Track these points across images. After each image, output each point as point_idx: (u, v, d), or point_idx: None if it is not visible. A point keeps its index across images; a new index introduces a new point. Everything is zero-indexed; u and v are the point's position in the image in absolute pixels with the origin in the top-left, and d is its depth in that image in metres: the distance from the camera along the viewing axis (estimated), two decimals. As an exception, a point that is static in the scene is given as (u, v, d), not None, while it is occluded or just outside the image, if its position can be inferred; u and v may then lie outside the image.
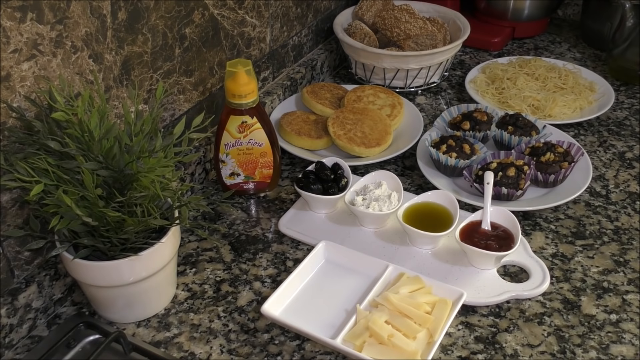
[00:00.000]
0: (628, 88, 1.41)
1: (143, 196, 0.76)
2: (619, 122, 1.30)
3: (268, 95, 1.26)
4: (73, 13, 0.79)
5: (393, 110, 1.23)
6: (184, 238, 1.01)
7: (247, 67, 0.97)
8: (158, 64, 0.96)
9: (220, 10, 1.06)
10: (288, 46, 1.32)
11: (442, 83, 1.44)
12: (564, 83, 1.35)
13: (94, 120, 0.72)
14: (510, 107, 1.29)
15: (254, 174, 1.07)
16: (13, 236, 0.80)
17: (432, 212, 1.00)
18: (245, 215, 1.06)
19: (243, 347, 0.84)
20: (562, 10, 1.72)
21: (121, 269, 0.80)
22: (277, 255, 0.98)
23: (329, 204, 1.03)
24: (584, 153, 1.11)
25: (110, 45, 0.87)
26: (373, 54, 1.32)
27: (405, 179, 1.13)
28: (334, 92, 1.29)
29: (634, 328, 0.86)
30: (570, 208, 1.07)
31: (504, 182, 1.03)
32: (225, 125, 1.01)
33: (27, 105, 0.77)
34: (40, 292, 0.85)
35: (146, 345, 0.83)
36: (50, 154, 0.73)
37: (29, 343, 0.84)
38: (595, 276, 0.94)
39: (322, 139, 1.17)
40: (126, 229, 0.76)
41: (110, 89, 0.89)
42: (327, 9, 1.43)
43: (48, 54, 0.78)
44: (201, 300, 0.91)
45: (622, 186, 1.12)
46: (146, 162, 0.76)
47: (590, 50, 1.57)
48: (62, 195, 0.69)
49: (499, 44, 1.56)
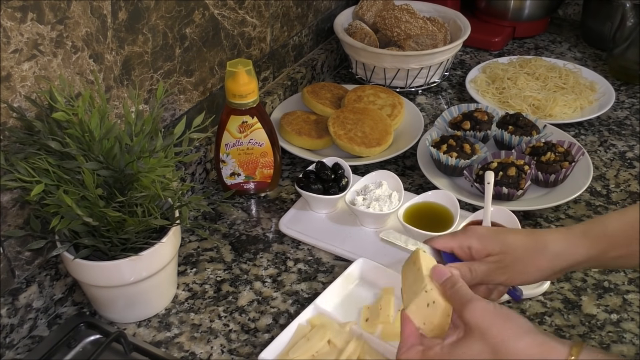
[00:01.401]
0: (628, 88, 1.41)
1: (143, 196, 0.76)
2: (620, 121, 1.30)
3: (268, 95, 1.26)
4: (73, 13, 0.79)
5: (393, 110, 1.23)
6: (185, 238, 1.01)
7: (248, 67, 0.97)
8: (158, 64, 0.96)
9: (220, 10, 1.06)
10: (288, 46, 1.32)
11: (443, 83, 1.44)
12: (564, 83, 1.35)
13: (95, 120, 0.72)
14: (510, 107, 1.29)
15: (255, 174, 1.07)
16: (14, 236, 0.80)
17: (433, 212, 1.00)
18: (245, 215, 1.06)
19: (244, 347, 0.84)
20: (563, 9, 1.72)
21: (122, 269, 0.80)
22: (277, 255, 0.98)
23: (330, 203, 1.03)
24: (585, 153, 1.11)
25: (111, 45, 0.87)
26: (373, 53, 1.32)
27: (405, 179, 1.13)
28: (335, 92, 1.29)
29: (635, 328, 0.86)
30: (570, 208, 1.07)
31: (504, 181, 1.03)
32: (226, 125, 1.01)
33: (27, 106, 0.77)
34: (40, 292, 0.85)
35: (147, 345, 0.83)
36: (51, 154, 0.73)
37: (30, 343, 0.84)
38: (595, 276, 0.94)
39: (322, 138, 1.17)
40: (127, 229, 0.76)
41: (111, 89, 0.89)
42: (328, 9, 1.43)
43: (48, 54, 0.78)
44: (202, 300, 0.91)
45: (622, 186, 1.12)
46: (147, 162, 0.76)
47: (590, 50, 1.57)
48: (62, 195, 0.69)
49: (500, 43, 1.56)
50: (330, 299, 0.87)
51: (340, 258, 0.97)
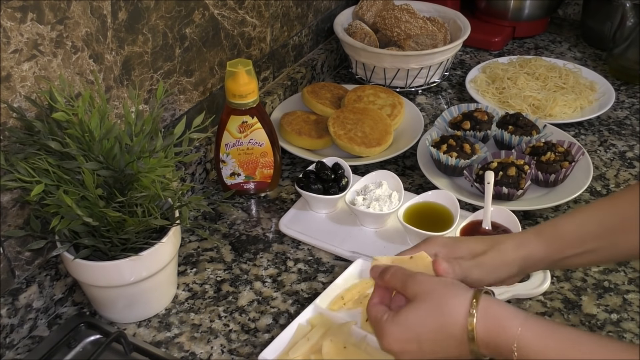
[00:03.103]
0: (628, 87, 1.41)
1: (143, 196, 0.76)
2: (620, 121, 1.30)
3: (268, 95, 1.26)
4: (73, 13, 0.79)
5: (393, 110, 1.23)
6: (185, 238, 1.01)
7: (248, 67, 0.97)
8: (158, 64, 0.96)
9: (220, 10, 1.06)
10: (288, 46, 1.32)
11: (443, 83, 1.44)
12: (564, 82, 1.35)
13: (95, 120, 0.72)
14: (510, 107, 1.29)
15: (255, 174, 1.07)
16: (14, 236, 0.80)
17: (433, 212, 1.00)
18: (245, 215, 1.06)
19: (244, 347, 0.84)
20: (563, 9, 1.72)
21: (122, 269, 0.80)
22: (277, 255, 0.98)
23: (330, 203, 1.03)
24: (585, 152, 1.11)
25: (111, 45, 0.87)
26: (373, 53, 1.32)
27: (405, 179, 1.13)
28: (335, 92, 1.29)
29: (635, 327, 0.86)
30: (570, 208, 1.07)
31: (504, 181, 1.03)
32: (226, 125, 1.01)
33: (27, 106, 0.77)
34: (41, 293, 0.85)
35: (147, 345, 0.83)
36: (51, 154, 0.73)
37: (30, 343, 0.84)
38: (595, 276, 0.94)
39: (322, 138, 1.17)
40: (127, 229, 0.76)
41: (111, 89, 0.89)
42: (328, 9, 1.43)
43: (48, 54, 0.78)
44: (202, 300, 0.91)
45: (622, 186, 1.12)
46: (147, 162, 0.76)
47: (590, 50, 1.57)
48: (62, 196, 0.69)
49: (499, 43, 1.56)
50: (330, 299, 0.86)
51: (340, 258, 0.97)
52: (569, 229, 0.72)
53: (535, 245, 0.73)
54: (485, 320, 0.61)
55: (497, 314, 0.62)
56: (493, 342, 0.61)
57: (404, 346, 0.65)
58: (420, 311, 0.64)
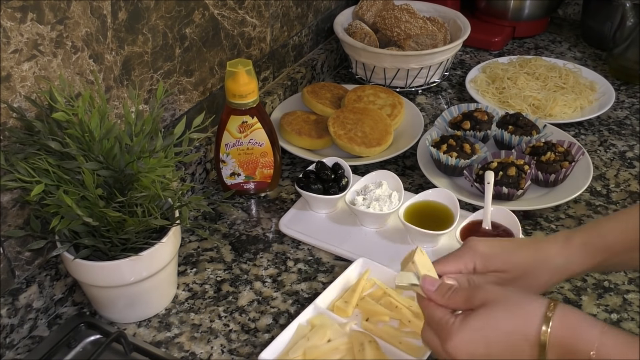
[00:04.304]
0: (628, 87, 1.41)
1: (144, 196, 0.76)
2: (620, 121, 1.30)
3: (268, 95, 1.26)
4: (73, 13, 0.79)
5: (393, 110, 1.23)
6: (185, 238, 1.01)
7: (248, 67, 0.97)
8: (158, 64, 0.96)
9: (220, 10, 1.06)
10: (288, 46, 1.32)
11: (443, 83, 1.44)
12: (564, 82, 1.35)
13: (95, 120, 0.72)
14: (510, 107, 1.29)
15: (255, 174, 1.07)
16: (14, 236, 0.80)
17: (433, 211, 1.00)
18: (245, 215, 1.06)
19: (244, 347, 0.84)
20: (563, 9, 1.72)
21: (122, 269, 0.80)
22: (277, 255, 0.98)
23: (330, 203, 1.03)
24: (585, 152, 1.11)
25: (111, 45, 0.87)
26: (373, 53, 1.32)
27: (405, 179, 1.13)
28: (335, 91, 1.29)
29: (635, 327, 0.86)
30: (570, 207, 1.07)
31: (504, 181, 1.03)
32: (226, 125, 1.01)
33: (27, 106, 0.77)
34: (41, 293, 0.85)
35: (147, 345, 0.83)
36: (51, 154, 0.73)
37: (30, 343, 0.84)
38: (595, 276, 0.94)
39: (322, 138, 1.17)
40: (127, 229, 0.76)
41: (111, 89, 0.89)
42: (327, 9, 1.43)
43: (48, 54, 0.78)
44: (202, 300, 0.91)
45: (622, 185, 1.12)
46: (147, 162, 0.76)
47: (590, 50, 1.57)
48: (62, 196, 0.69)
49: (499, 43, 1.56)
50: (330, 299, 0.87)
51: (340, 258, 0.97)
52: (616, 238, 0.70)
53: (581, 262, 0.71)
54: (562, 323, 0.60)
55: (575, 317, 0.60)
56: (570, 347, 0.59)
57: (471, 349, 0.63)
58: (494, 313, 0.62)
